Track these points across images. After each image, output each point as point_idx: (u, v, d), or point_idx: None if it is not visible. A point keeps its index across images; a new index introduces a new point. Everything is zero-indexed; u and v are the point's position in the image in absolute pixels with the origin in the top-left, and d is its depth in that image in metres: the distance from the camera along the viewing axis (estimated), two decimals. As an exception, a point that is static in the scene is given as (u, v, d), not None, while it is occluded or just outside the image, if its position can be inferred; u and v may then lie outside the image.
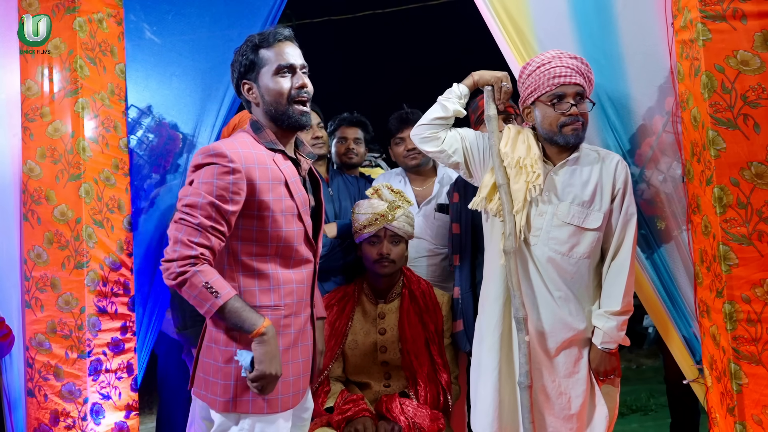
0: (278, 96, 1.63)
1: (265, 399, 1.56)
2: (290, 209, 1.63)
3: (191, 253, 1.48)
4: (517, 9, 2.23)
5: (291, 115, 1.65)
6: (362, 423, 2.06)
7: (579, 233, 1.95)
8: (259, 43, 1.65)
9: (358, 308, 2.30)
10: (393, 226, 2.23)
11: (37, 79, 2.31)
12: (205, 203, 1.51)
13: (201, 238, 1.50)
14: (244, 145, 1.61)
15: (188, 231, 1.50)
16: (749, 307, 1.77)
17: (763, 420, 1.75)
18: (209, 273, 1.50)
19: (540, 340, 1.96)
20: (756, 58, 1.79)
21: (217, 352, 1.59)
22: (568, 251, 1.95)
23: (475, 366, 2.07)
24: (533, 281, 1.97)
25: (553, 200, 1.97)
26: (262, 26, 2.62)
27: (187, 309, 2.24)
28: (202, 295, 1.49)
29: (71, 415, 2.20)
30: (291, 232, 1.63)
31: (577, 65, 1.95)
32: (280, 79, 1.63)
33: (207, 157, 1.56)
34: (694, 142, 1.91)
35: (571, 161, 1.98)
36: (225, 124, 2.58)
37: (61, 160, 2.27)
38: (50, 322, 2.24)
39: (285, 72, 1.64)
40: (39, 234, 2.27)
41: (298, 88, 1.64)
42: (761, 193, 1.78)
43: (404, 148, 2.71)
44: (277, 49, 1.64)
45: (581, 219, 1.95)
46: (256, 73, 1.65)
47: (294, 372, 1.63)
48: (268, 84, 1.64)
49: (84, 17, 2.31)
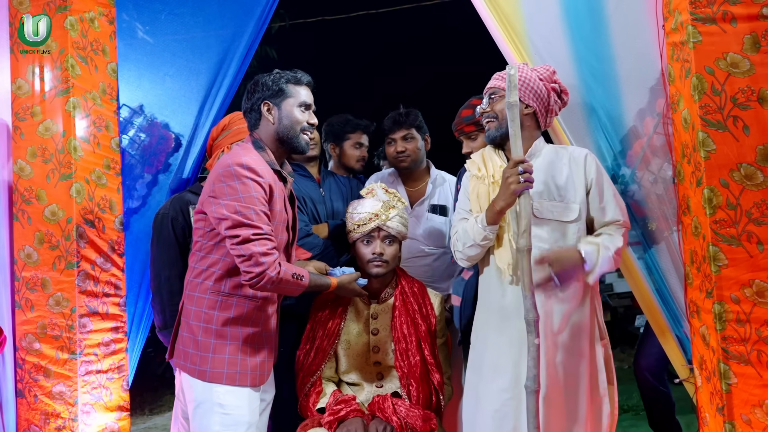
0: (296, 123, 1.97)
1: (237, 372, 1.86)
2: (283, 221, 1.95)
3: (273, 258, 1.80)
4: (510, 11, 2.24)
5: (299, 141, 1.98)
6: (354, 424, 2.06)
7: (560, 227, 1.98)
8: (292, 80, 2.00)
9: (350, 308, 2.30)
10: (387, 226, 2.24)
11: (28, 78, 2.29)
12: (259, 213, 1.81)
13: (271, 244, 1.81)
14: (260, 162, 1.90)
15: (261, 242, 1.79)
16: (738, 307, 1.78)
17: (752, 419, 1.76)
18: (288, 266, 1.86)
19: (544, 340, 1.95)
20: (745, 61, 1.81)
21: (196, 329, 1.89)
22: (552, 246, 1.96)
23: (475, 369, 2.08)
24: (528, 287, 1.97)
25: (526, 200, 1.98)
26: (256, 26, 2.62)
27: (167, 309, 2.24)
28: (294, 284, 1.86)
29: (61, 415, 2.19)
30: (281, 240, 1.94)
31: (500, 72, 2.08)
32: (302, 112, 1.98)
33: (242, 172, 1.83)
34: (684, 143, 1.93)
35: (531, 156, 2.03)
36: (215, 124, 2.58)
37: (52, 159, 2.26)
38: (40, 323, 2.23)
39: (305, 108, 2.00)
40: (29, 234, 2.26)
41: (310, 124, 2.00)
42: (750, 194, 1.79)
43: (394, 149, 2.71)
44: (304, 89, 2.01)
45: (559, 213, 1.98)
46: (282, 99, 1.96)
47: (260, 355, 1.91)
48: (291, 112, 1.96)
49: (75, 16, 2.30)
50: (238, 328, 1.88)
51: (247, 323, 1.89)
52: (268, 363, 1.95)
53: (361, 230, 2.24)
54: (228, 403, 1.85)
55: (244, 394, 1.87)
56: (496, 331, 2.02)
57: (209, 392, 1.85)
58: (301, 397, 2.22)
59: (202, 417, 1.86)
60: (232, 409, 1.85)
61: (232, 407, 1.85)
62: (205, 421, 1.85)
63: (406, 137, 2.69)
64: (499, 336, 2.01)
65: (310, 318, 2.30)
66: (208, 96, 2.64)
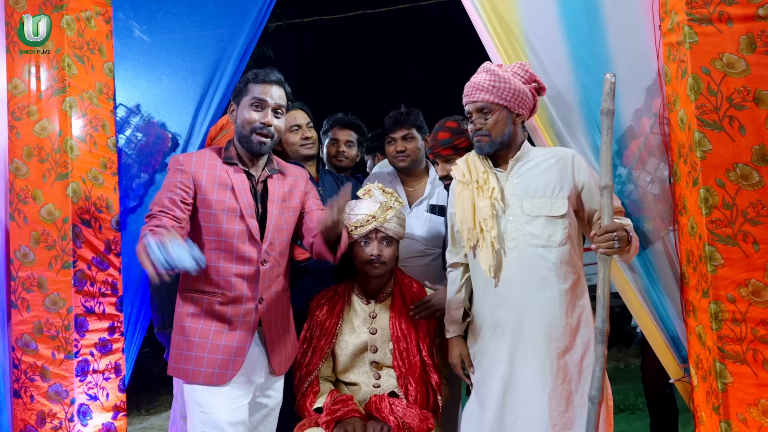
0: (246, 123, 1.97)
1: (190, 369, 1.90)
2: (233, 210, 1.95)
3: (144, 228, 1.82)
4: (506, 11, 2.24)
5: (251, 142, 1.98)
6: (351, 424, 2.06)
7: (550, 222, 1.99)
8: (251, 77, 1.99)
9: (348, 308, 2.30)
10: (384, 227, 2.23)
11: (24, 78, 2.29)
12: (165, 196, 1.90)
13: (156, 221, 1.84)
14: (200, 155, 2.00)
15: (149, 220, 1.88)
16: (734, 306, 1.79)
17: (748, 419, 1.77)
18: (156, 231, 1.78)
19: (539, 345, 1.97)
20: (741, 61, 1.82)
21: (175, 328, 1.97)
22: (547, 240, 1.98)
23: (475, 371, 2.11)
24: (522, 285, 1.99)
25: (516, 201, 2.02)
26: (252, 25, 2.62)
27: (165, 309, 2.24)
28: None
29: (58, 416, 2.18)
30: (231, 230, 1.94)
31: (481, 81, 2.03)
32: (251, 110, 1.97)
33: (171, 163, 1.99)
34: (680, 143, 1.93)
35: (518, 160, 2.06)
36: (213, 124, 2.57)
37: (48, 159, 2.25)
38: (37, 323, 2.22)
39: (257, 106, 1.97)
40: (26, 233, 2.25)
41: (262, 123, 1.96)
42: (746, 194, 1.80)
43: (394, 148, 2.71)
44: (262, 87, 1.97)
45: (548, 208, 2.00)
46: (240, 99, 2.00)
47: (223, 352, 1.91)
48: (242, 111, 1.98)
49: (72, 15, 2.29)
50: (199, 324, 1.92)
51: (208, 319, 1.93)
52: (233, 363, 1.92)
53: (359, 232, 2.24)
54: (204, 402, 1.89)
55: (221, 393, 1.90)
56: (489, 328, 2.05)
57: (190, 391, 1.92)
58: (298, 396, 2.22)
59: (189, 412, 1.93)
60: (208, 407, 1.89)
61: (208, 406, 1.89)
62: (190, 420, 1.92)
63: (406, 137, 2.69)
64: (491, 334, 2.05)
65: (308, 317, 2.30)
66: (205, 95, 2.63)
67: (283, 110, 2.03)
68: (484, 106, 2.03)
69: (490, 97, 2.01)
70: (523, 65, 2.07)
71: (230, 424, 1.89)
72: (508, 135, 2.04)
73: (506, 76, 2.02)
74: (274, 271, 2.04)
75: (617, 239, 1.85)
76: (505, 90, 2.00)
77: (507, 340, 2.00)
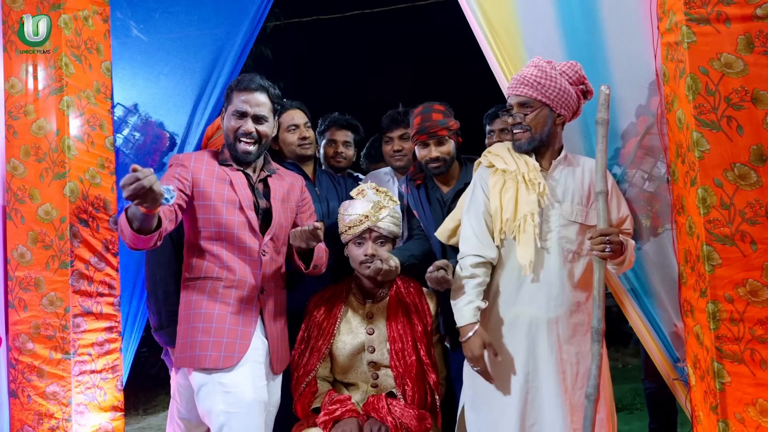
0: (229, 132, 2.05)
1: (196, 354, 1.92)
2: (232, 201, 2.00)
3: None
4: (503, 13, 2.24)
5: (235, 149, 2.04)
6: (349, 424, 2.06)
7: (584, 231, 2.01)
8: (234, 85, 2.05)
9: (346, 308, 2.30)
10: (378, 227, 2.23)
11: (21, 77, 2.28)
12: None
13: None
14: (199, 155, 2.07)
15: None
16: (732, 306, 1.79)
17: (746, 418, 1.77)
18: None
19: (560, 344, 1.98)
20: (739, 61, 1.82)
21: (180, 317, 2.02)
22: (579, 247, 2.00)
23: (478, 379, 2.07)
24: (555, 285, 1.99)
25: (555, 202, 2.03)
26: (250, 25, 2.62)
27: (162, 309, 2.24)
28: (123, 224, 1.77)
29: (55, 416, 2.18)
30: (231, 221, 1.99)
31: (527, 75, 1.99)
32: (233, 119, 2.03)
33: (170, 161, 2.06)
34: (678, 143, 1.94)
35: (561, 162, 2.06)
36: (210, 123, 2.57)
37: (46, 158, 2.24)
38: (34, 323, 2.21)
39: (238, 116, 2.02)
40: (23, 233, 2.24)
41: (243, 133, 2.02)
42: (744, 194, 1.80)
43: (391, 147, 2.70)
44: (243, 96, 2.02)
45: (583, 216, 2.02)
46: (226, 106, 2.07)
47: (228, 335, 1.94)
48: (227, 120, 2.06)
49: (69, 14, 2.29)
50: (202, 308, 1.96)
51: (212, 302, 1.95)
52: (239, 345, 1.94)
53: (353, 232, 2.24)
54: (228, 381, 1.89)
55: (245, 372, 1.91)
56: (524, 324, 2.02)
57: (206, 378, 1.91)
58: (296, 397, 2.21)
59: (205, 398, 1.91)
60: (232, 386, 1.89)
61: (232, 385, 1.89)
62: (210, 406, 1.90)
63: (403, 136, 2.69)
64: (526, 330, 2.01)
65: (305, 318, 2.30)
66: (203, 95, 2.63)
67: (268, 116, 2.05)
68: (527, 101, 2.00)
69: (534, 93, 1.98)
70: (574, 65, 2.03)
71: (257, 402, 1.91)
72: (547, 134, 2.02)
73: (553, 74, 1.99)
74: (273, 265, 2.07)
75: (609, 243, 1.89)
76: (550, 88, 1.97)
77: (542, 337, 1.98)
